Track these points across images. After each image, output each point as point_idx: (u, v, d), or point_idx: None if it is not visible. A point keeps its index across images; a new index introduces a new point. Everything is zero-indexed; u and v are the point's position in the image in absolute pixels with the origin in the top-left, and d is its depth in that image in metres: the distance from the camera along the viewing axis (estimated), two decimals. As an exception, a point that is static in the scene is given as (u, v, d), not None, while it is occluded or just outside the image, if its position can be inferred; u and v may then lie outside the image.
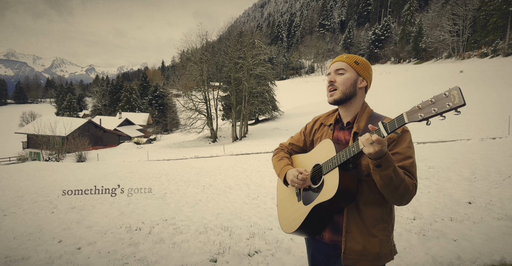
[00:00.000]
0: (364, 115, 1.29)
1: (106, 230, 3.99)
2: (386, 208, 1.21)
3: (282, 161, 1.47)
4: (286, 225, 1.39)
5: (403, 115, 0.94)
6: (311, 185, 1.28)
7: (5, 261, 2.95)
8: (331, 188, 1.14)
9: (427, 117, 0.89)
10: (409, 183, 1.10)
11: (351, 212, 1.19)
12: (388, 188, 1.08)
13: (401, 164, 1.14)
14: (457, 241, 2.97)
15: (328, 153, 1.22)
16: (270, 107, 38.49)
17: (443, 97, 0.85)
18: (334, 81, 1.29)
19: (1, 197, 7.12)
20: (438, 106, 0.86)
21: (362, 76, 1.29)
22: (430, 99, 0.88)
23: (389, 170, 1.03)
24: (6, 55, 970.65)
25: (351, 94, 1.28)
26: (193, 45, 33.53)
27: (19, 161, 27.13)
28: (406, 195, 1.10)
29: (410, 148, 1.18)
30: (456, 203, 4.19)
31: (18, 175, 12.46)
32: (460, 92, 0.82)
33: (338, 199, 1.13)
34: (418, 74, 50.25)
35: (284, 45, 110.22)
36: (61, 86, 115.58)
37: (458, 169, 6.32)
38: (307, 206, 1.26)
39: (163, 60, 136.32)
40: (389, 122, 0.98)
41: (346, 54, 1.32)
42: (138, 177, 9.71)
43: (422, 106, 0.90)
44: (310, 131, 1.48)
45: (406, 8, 75.92)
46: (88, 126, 36.70)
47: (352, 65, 1.28)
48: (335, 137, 1.34)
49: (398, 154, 1.16)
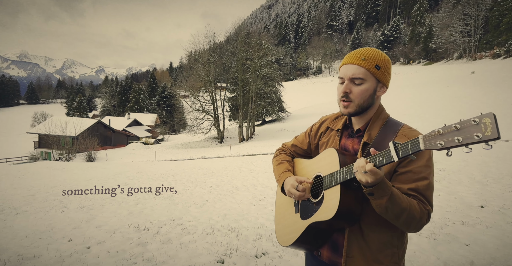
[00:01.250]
0: (378, 122, 1.10)
1: (114, 230, 4.03)
2: (397, 230, 1.04)
3: (282, 165, 1.33)
4: (281, 237, 1.29)
5: (418, 140, 0.79)
6: (310, 198, 1.15)
7: (17, 259, 3.00)
8: (331, 207, 1.02)
9: (448, 147, 0.73)
10: (417, 211, 0.94)
11: (353, 233, 1.05)
12: (386, 216, 0.96)
13: (413, 186, 0.98)
14: (469, 246, 2.90)
15: (331, 165, 1.09)
16: (277, 108, 38.43)
17: (471, 124, 0.69)
18: (350, 93, 1.07)
19: (13, 196, 7.27)
20: (464, 136, 0.70)
21: (382, 82, 1.08)
22: (454, 125, 0.72)
23: (383, 200, 0.91)
24: (19, 57, 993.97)
25: (369, 105, 1.09)
26: (201, 46, 33.77)
27: (30, 160, 27.67)
28: (412, 223, 0.95)
29: (428, 167, 1.00)
30: (468, 206, 4.10)
31: (30, 174, 12.72)
32: (495, 120, 0.66)
33: (337, 220, 1.00)
34: (428, 75, 49.57)
35: (291, 46, 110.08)
36: (71, 87, 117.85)
37: (469, 172, 6.19)
38: (304, 220, 1.14)
39: (171, 61, 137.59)
40: (403, 145, 0.83)
41: (364, 54, 1.06)
42: (146, 177, 9.80)
43: (443, 132, 0.74)
44: (316, 134, 1.32)
45: (416, 9, 75.03)
46: (97, 127, 37.25)
47: (372, 72, 1.05)
48: (342, 145, 1.19)
49: (411, 173, 0.99)
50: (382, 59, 1.07)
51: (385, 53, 43.30)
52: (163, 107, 58.06)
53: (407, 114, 24.59)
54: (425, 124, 18.73)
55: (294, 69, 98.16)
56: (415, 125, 12.78)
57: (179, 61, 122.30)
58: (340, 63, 1.13)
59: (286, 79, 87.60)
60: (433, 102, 26.18)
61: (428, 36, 63.99)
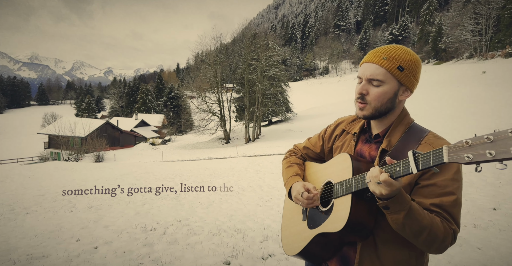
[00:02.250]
0: (400, 127, 0.99)
1: (122, 230, 4.05)
2: (416, 249, 0.93)
3: (291, 168, 1.24)
4: (286, 245, 1.20)
5: (442, 151, 0.69)
6: (319, 206, 1.06)
7: (27, 258, 3.04)
8: (340, 218, 0.92)
9: (477, 161, 0.63)
10: (440, 230, 0.83)
11: (366, 250, 0.94)
12: (404, 234, 0.85)
13: (437, 201, 0.87)
14: (481, 249, 2.83)
15: (343, 172, 0.99)
16: (284, 109, 38.36)
17: (508, 136, 0.59)
18: (366, 94, 0.97)
19: (24, 196, 7.39)
20: (498, 149, 0.59)
21: (405, 85, 0.96)
22: (486, 136, 0.62)
23: (400, 215, 0.81)
24: (30, 59, 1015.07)
25: (387, 110, 0.98)
26: (208, 47, 33.92)
27: (40, 160, 28.17)
28: (434, 244, 0.84)
29: (455, 181, 0.89)
30: (480, 209, 4.00)
31: (40, 174, 12.93)
32: None
33: (347, 233, 0.91)
34: (438, 75, 48.82)
35: (298, 46, 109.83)
36: (80, 88, 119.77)
37: (481, 173, 6.06)
38: (311, 230, 1.05)
39: (178, 63, 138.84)
40: (424, 155, 0.72)
41: (386, 53, 0.94)
42: (153, 178, 9.86)
43: (472, 144, 0.64)
44: (330, 137, 1.22)
45: (425, 8, 74.04)
46: (105, 127, 37.72)
47: (394, 73, 0.93)
48: (357, 150, 1.08)
49: (435, 186, 0.88)
50: (408, 59, 0.94)
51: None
52: (170, 108, 58.51)
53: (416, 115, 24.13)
54: (435, 126, 18.43)
55: (300, 70, 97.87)
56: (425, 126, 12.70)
57: (186, 62, 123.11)
58: (361, 61, 1.04)
59: (293, 79, 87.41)
60: (443, 103, 25.76)
61: (437, 35, 63.05)
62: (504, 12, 51.08)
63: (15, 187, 9.20)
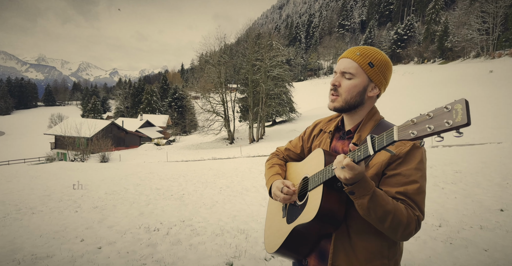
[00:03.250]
0: (370, 123, 1.06)
1: (125, 230, 4.07)
2: (388, 239, 0.97)
3: (272, 168, 1.30)
4: (268, 243, 1.22)
5: (393, 131, 0.75)
6: (296, 200, 1.11)
7: (31, 258, 3.06)
8: (312, 208, 0.96)
9: (419, 136, 0.69)
10: (404, 215, 0.88)
11: (339, 240, 0.98)
12: (369, 219, 0.90)
13: (402, 190, 0.93)
14: (488, 251, 2.78)
15: (317, 165, 1.04)
16: (288, 109, 38.30)
17: (443, 111, 0.67)
18: (338, 86, 1.06)
19: (30, 196, 7.47)
20: (435, 124, 0.67)
21: (374, 82, 1.04)
22: (428, 113, 0.70)
23: (364, 199, 0.86)
24: (37, 60, 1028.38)
25: (356, 104, 1.05)
26: (212, 48, 34.06)
27: (47, 161, 28.51)
28: (399, 230, 0.88)
29: (418, 170, 0.95)
30: (487, 210, 3.94)
31: (46, 175, 13.08)
32: (466, 106, 0.63)
33: (319, 222, 0.95)
34: (444, 74, 48.33)
35: (302, 46, 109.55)
36: (86, 89, 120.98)
37: (488, 174, 5.97)
38: (289, 225, 1.09)
39: (183, 63, 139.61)
40: (379, 137, 0.78)
41: (360, 49, 1.04)
42: (157, 178, 9.90)
43: (417, 121, 0.71)
44: (309, 137, 1.30)
45: (431, 7, 73.34)
46: (111, 128, 38.03)
47: (364, 68, 1.02)
48: (332, 147, 1.14)
49: (400, 176, 0.94)
50: (379, 58, 1.03)
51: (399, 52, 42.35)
52: (174, 109, 58.80)
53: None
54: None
55: (305, 70, 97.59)
56: (429, 126, 12.32)
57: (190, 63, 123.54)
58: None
59: (297, 79, 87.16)
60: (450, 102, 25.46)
61: (443, 34, 62.39)
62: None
63: (22, 187, 9.31)
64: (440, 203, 4.36)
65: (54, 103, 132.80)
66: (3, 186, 9.90)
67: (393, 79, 57.82)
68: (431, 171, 6.76)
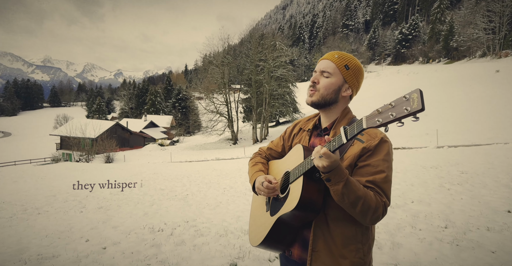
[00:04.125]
0: (344, 121, 1.18)
1: (130, 231, 4.08)
2: (361, 225, 1.08)
3: (255, 166, 1.38)
4: (253, 237, 1.29)
5: (362, 120, 0.83)
6: (279, 194, 1.19)
7: (37, 258, 3.09)
8: (294, 198, 1.05)
9: (384, 122, 0.78)
10: (373, 200, 0.98)
11: (318, 227, 1.08)
12: (343, 204, 0.99)
13: (371, 179, 1.03)
14: (495, 253, 2.74)
15: (297, 160, 1.13)
16: (291, 109, 38.20)
17: (403, 100, 0.76)
18: (317, 83, 1.17)
19: (36, 196, 7.54)
20: (396, 111, 0.76)
21: (348, 83, 1.16)
22: (390, 103, 0.79)
23: (339, 186, 0.95)
24: (43, 62, 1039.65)
25: (331, 101, 1.17)
26: (215, 49, 34.14)
27: (53, 161, 28.76)
28: (368, 214, 0.98)
29: (385, 161, 1.06)
30: (494, 211, 3.89)
31: (52, 175, 13.20)
32: (421, 95, 0.72)
33: (300, 210, 1.04)
34: (449, 74, 47.88)
35: (306, 46, 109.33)
36: (91, 90, 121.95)
37: (494, 175, 5.89)
38: (272, 217, 1.17)
39: (186, 64, 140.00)
40: (350, 127, 0.88)
41: (338, 53, 1.17)
42: (161, 178, 9.94)
43: (382, 110, 0.79)
44: (289, 136, 1.39)
45: (436, 6, 72.73)
46: (115, 129, 38.27)
47: (340, 69, 1.15)
48: (311, 143, 1.25)
49: (369, 166, 1.05)
50: (354, 63, 1.16)
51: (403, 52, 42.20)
52: (178, 109, 59.01)
53: (427, 115, 23.81)
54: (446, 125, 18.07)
55: (308, 70, 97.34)
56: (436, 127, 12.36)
57: (194, 64, 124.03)
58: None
59: (300, 80, 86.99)
60: (455, 103, 25.24)
61: (449, 34, 61.81)
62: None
63: (28, 188, 9.41)
64: (446, 204, 4.32)
65: (59, 104, 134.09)
66: (10, 186, 10.02)
67: (398, 79, 57.30)
68: (436, 172, 6.70)
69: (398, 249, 2.94)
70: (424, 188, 5.25)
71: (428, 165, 7.64)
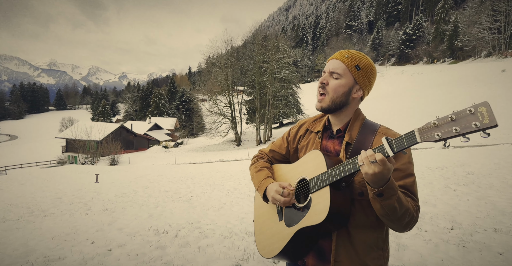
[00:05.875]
0: (357, 123, 1.12)
1: (135, 232, 4.10)
2: (382, 232, 1.04)
3: (261, 172, 1.28)
4: (264, 248, 1.20)
5: (414, 133, 0.78)
6: (295, 203, 1.10)
7: (44, 261, 3.12)
8: (321, 210, 0.98)
9: (445, 137, 0.73)
10: (413, 208, 0.94)
11: (341, 237, 1.02)
12: (390, 218, 0.92)
13: (402, 183, 0.98)
14: (503, 255, 2.70)
15: (317, 167, 1.05)
16: (295, 111, 38.16)
17: (467, 114, 0.70)
18: (326, 84, 1.11)
19: (42, 199, 7.61)
20: (461, 125, 0.70)
21: (359, 84, 1.09)
22: (449, 116, 0.73)
23: (392, 200, 0.88)
24: (49, 65, 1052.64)
25: (342, 104, 1.10)
26: (219, 51, 34.27)
27: (58, 164, 29.04)
28: (411, 223, 0.95)
29: (411, 163, 1.02)
30: (501, 212, 3.84)
31: (58, 178, 13.32)
32: (490, 109, 0.68)
33: (328, 223, 0.97)
34: (454, 74, 47.48)
35: (309, 47, 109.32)
36: (96, 93, 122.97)
37: (501, 175, 5.82)
38: (290, 228, 1.09)
39: (190, 66, 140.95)
40: (397, 139, 0.82)
41: (349, 52, 1.10)
42: (166, 180, 9.98)
43: (439, 124, 0.74)
44: (294, 138, 1.30)
45: (440, 6, 72.36)
46: (120, 131, 38.55)
47: (351, 70, 1.07)
48: (323, 146, 1.17)
49: (398, 171, 1.00)
50: (365, 63, 1.09)
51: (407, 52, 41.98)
52: (182, 111, 59.27)
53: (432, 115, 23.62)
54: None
55: (311, 71, 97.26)
56: (440, 127, 12.13)
57: (198, 66, 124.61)
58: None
59: (304, 81, 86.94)
60: (461, 103, 25.01)
61: (453, 34, 61.39)
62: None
63: (34, 190, 9.51)
64: (452, 205, 4.27)
65: (65, 107, 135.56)
66: (17, 189, 10.13)
67: (403, 79, 56.93)
68: (442, 173, 6.64)
69: (404, 251, 2.91)
70: (430, 189, 5.20)
71: (433, 166, 7.58)
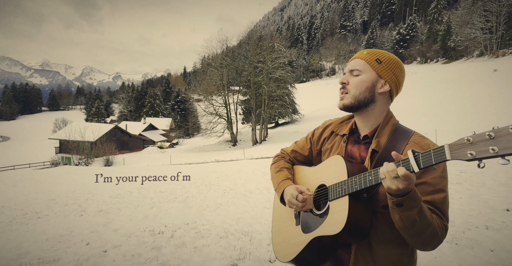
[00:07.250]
0: (387, 128, 1.02)
1: (130, 233, 4.09)
2: (407, 248, 0.95)
3: (281, 172, 1.24)
4: (280, 251, 1.18)
5: (444, 150, 0.70)
6: (313, 209, 1.06)
7: (38, 262, 3.09)
8: (338, 220, 0.92)
9: (480, 157, 0.64)
10: (438, 226, 0.86)
11: (360, 250, 0.95)
12: (409, 232, 0.85)
13: (430, 199, 0.89)
14: (494, 251, 2.76)
15: (337, 174, 0.99)
16: (290, 111, 38.27)
17: (509, 132, 0.61)
18: (347, 83, 1.05)
19: (36, 200, 7.53)
20: (500, 146, 0.61)
21: (384, 78, 1.01)
22: (487, 133, 0.63)
23: (413, 212, 0.81)
24: (42, 65, 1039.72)
25: (367, 100, 1.02)
26: (214, 51, 34.16)
27: (52, 165, 28.68)
28: (433, 241, 0.86)
29: (443, 178, 0.91)
30: (492, 210, 3.91)
31: (51, 179, 13.17)
32: None
33: (345, 235, 0.91)
34: (447, 74, 48.04)
35: (304, 47, 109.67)
36: (90, 94, 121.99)
37: (493, 174, 5.92)
38: (306, 234, 1.04)
39: (185, 66, 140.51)
40: (424, 154, 0.74)
41: (368, 49, 1.06)
42: (161, 181, 9.94)
43: (474, 141, 0.65)
44: (318, 140, 1.23)
45: (433, 6, 73.19)
46: (114, 132, 38.26)
47: (371, 64, 1.01)
48: (348, 151, 1.09)
49: (427, 185, 0.90)
50: (386, 56, 1.03)
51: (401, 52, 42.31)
52: (177, 112, 59.01)
53: (426, 114, 23.88)
54: (444, 125, 18.12)
55: (307, 71, 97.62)
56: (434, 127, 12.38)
57: (193, 66, 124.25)
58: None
59: (299, 81, 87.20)
60: (453, 102, 25.32)
61: (446, 34, 62.13)
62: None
63: (27, 192, 9.39)
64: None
65: (58, 108, 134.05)
66: (9, 191, 10.00)
67: (396, 79, 57.56)
68: (435, 171, 6.71)
69: (398, 249, 2.95)
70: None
71: (427, 165, 7.65)
